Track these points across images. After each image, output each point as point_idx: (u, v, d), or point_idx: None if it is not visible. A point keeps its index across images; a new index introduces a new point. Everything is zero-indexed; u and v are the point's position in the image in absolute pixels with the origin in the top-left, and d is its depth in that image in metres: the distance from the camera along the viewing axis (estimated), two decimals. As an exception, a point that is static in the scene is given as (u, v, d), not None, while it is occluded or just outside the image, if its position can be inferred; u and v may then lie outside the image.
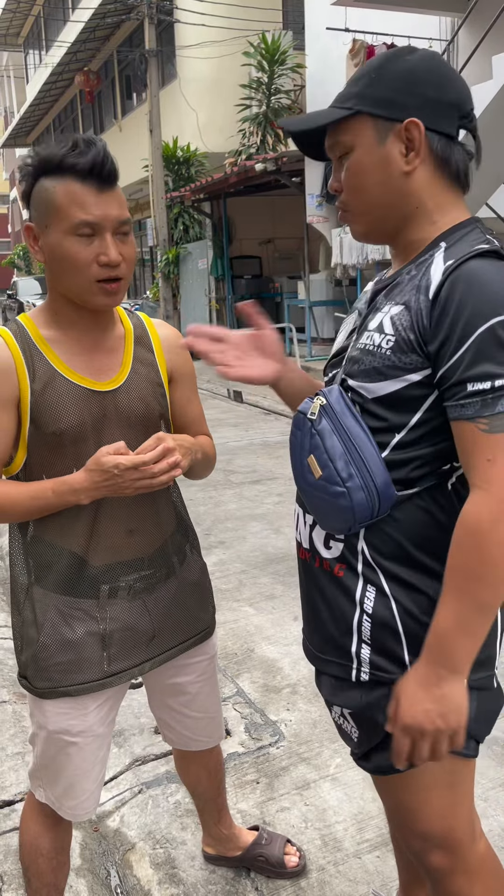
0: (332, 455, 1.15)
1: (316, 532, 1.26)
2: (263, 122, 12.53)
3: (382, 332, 1.17)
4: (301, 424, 1.22)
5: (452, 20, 8.92)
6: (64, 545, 1.47)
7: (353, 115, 1.18)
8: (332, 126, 1.21)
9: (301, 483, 1.24)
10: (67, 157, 1.33)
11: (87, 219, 1.33)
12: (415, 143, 1.16)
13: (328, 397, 1.20)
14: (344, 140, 1.20)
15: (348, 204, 1.23)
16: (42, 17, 22.99)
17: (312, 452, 1.18)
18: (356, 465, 1.14)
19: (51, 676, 1.49)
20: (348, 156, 1.20)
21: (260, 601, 3.65)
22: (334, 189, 1.25)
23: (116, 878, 2.02)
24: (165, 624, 1.59)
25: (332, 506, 1.16)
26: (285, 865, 1.97)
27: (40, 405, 1.39)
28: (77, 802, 1.59)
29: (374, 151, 1.18)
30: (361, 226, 1.25)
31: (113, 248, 1.35)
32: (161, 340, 1.58)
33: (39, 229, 1.38)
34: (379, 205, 1.20)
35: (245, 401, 9.28)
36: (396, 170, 1.18)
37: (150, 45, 13.92)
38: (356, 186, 1.20)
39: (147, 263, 19.15)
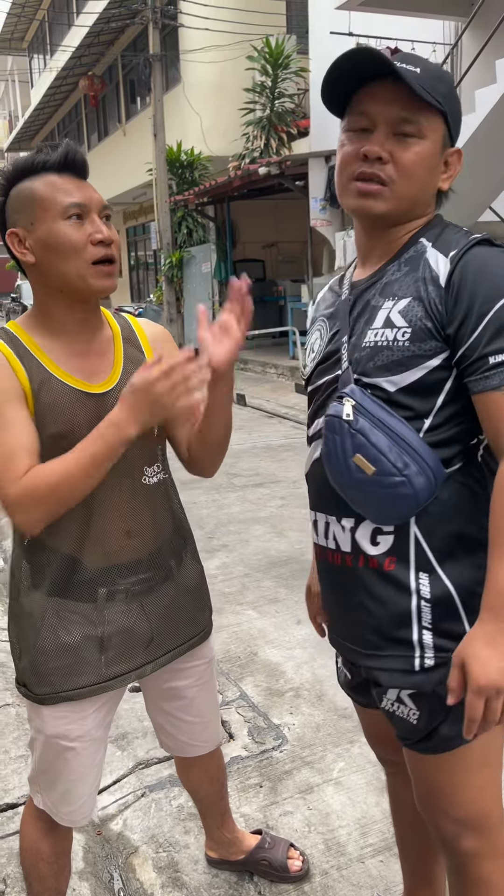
0: (380, 449, 1.18)
1: (360, 531, 1.26)
2: (267, 125, 12.54)
3: (393, 326, 1.21)
4: (337, 428, 1.23)
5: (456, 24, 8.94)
6: (61, 548, 1.46)
7: (436, 109, 1.20)
8: (417, 102, 1.17)
9: (347, 484, 1.23)
10: (36, 158, 1.38)
11: (76, 200, 1.37)
12: (451, 169, 1.26)
13: (354, 396, 1.22)
14: (423, 124, 1.19)
15: (393, 179, 1.20)
16: (47, 22, 23.06)
17: (358, 451, 1.19)
18: (407, 453, 1.17)
19: (50, 682, 1.48)
20: (414, 138, 1.19)
21: (263, 605, 3.64)
22: (379, 155, 1.19)
23: (119, 881, 2.01)
24: (163, 627, 1.58)
25: (392, 497, 1.18)
26: (288, 869, 1.96)
27: (40, 407, 1.39)
28: (73, 808, 1.58)
29: (437, 154, 1.23)
30: (390, 204, 1.22)
31: (104, 227, 1.39)
32: (148, 338, 1.58)
33: (25, 230, 1.39)
34: (414, 198, 1.23)
35: (248, 404, 9.29)
36: (437, 181, 1.26)
37: (154, 50, 13.95)
38: (414, 172, 1.21)
39: (150, 267, 19.18)
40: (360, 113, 1.22)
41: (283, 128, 12.54)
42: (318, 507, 1.35)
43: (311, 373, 1.38)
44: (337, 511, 1.29)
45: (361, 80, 1.21)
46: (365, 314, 1.26)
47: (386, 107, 1.19)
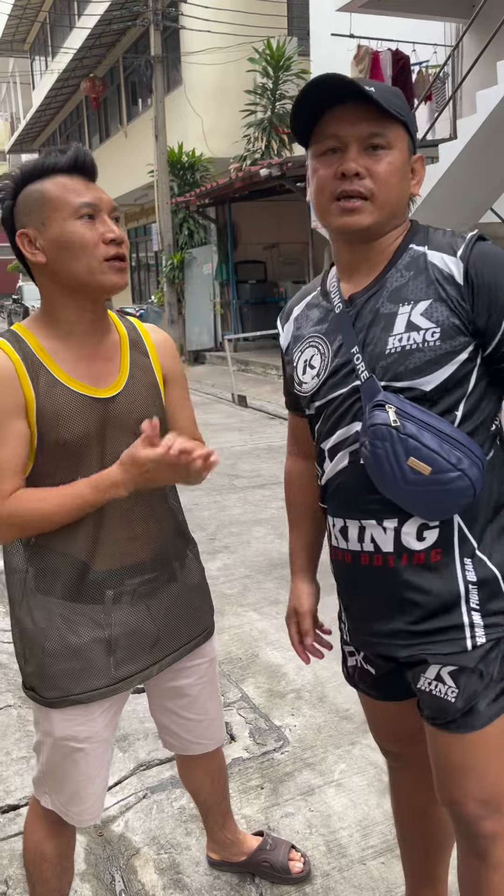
0: (433, 448, 1.22)
1: (406, 530, 1.30)
2: (268, 127, 12.56)
3: (419, 328, 1.25)
4: (386, 435, 1.24)
5: (457, 26, 8.95)
6: (68, 551, 1.46)
7: (398, 121, 1.26)
8: (383, 118, 1.24)
9: (403, 488, 1.25)
10: (45, 161, 1.39)
11: (87, 200, 1.39)
12: (417, 175, 1.33)
13: (393, 402, 1.25)
14: (390, 136, 1.26)
15: (374, 192, 1.26)
16: (48, 24, 23.08)
17: (412, 454, 1.23)
18: (456, 448, 1.23)
19: (59, 685, 1.49)
20: (384, 150, 1.25)
21: (264, 606, 3.64)
22: (354, 173, 1.25)
23: (121, 883, 2.01)
24: (168, 627, 1.59)
25: (450, 491, 1.23)
26: (290, 871, 1.96)
27: (44, 415, 1.39)
28: (83, 808, 1.59)
29: (406, 162, 1.29)
30: (373, 217, 1.27)
31: (115, 226, 1.41)
32: (154, 344, 1.59)
33: (36, 230, 1.39)
34: (394, 206, 1.29)
35: (249, 405, 9.29)
36: (409, 187, 1.32)
37: (155, 52, 13.95)
38: (390, 181, 1.26)
39: (152, 268, 19.19)
40: (330, 136, 1.27)
41: (284, 129, 12.55)
42: (349, 513, 1.37)
43: (314, 391, 1.39)
44: (376, 514, 1.32)
45: (321, 106, 1.26)
46: (378, 322, 1.29)
47: (355, 125, 1.25)
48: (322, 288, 1.44)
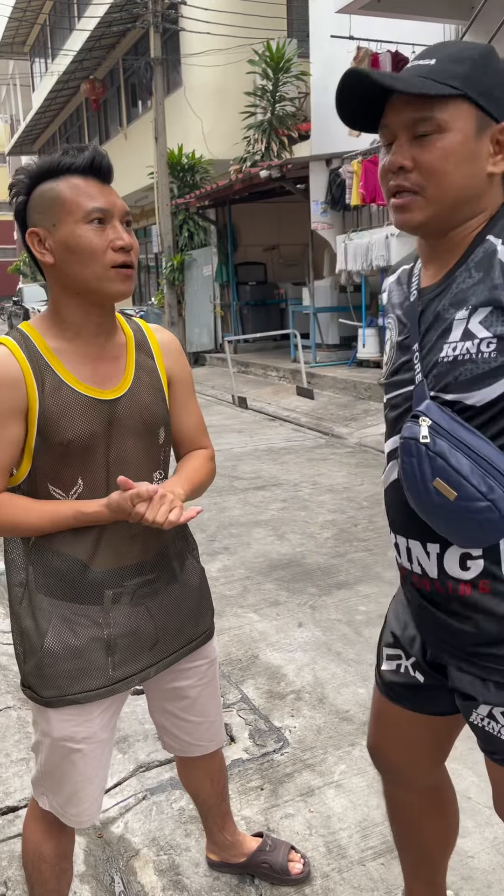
0: (462, 472, 1.10)
1: (448, 557, 1.21)
2: (268, 129, 12.57)
3: (474, 337, 1.13)
4: (413, 451, 1.15)
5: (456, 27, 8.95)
6: (69, 552, 1.47)
7: (455, 97, 1.11)
8: (428, 100, 1.11)
9: (429, 509, 1.16)
10: (62, 160, 1.39)
11: (99, 205, 1.38)
12: (502, 149, 1.14)
13: (430, 415, 1.14)
14: (441, 118, 1.11)
15: (424, 187, 1.14)
16: (48, 26, 23.10)
17: (438, 475, 1.12)
18: (492, 476, 1.10)
19: (57, 684, 1.49)
20: (435, 135, 1.12)
21: (264, 607, 3.64)
22: (399, 166, 1.15)
23: (120, 884, 2.01)
24: (168, 628, 1.59)
25: (479, 521, 1.12)
26: (289, 872, 1.96)
27: (47, 416, 1.39)
28: (81, 809, 1.59)
29: (470, 141, 1.13)
30: (426, 213, 1.16)
31: (125, 233, 1.40)
32: (160, 346, 1.59)
33: (46, 230, 1.39)
34: (457, 197, 1.15)
35: (250, 407, 9.29)
36: (482, 167, 1.15)
37: (155, 54, 13.97)
38: (442, 170, 1.12)
39: (152, 270, 19.19)
40: (384, 126, 1.18)
41: (284, 131, 12.56)
42: (399, 530, 1.30)
43: (387, 378, 1.31)
44: (420, 536, 1.23)
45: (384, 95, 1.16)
46: (437, 326, 1.19)
47: (399, 114, 1.14)
48: (412, 266, 1.32)
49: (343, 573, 4.00)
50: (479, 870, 1.98)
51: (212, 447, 1.69)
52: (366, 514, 4.96)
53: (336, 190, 10.12)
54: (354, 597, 3.69)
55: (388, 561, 4.08)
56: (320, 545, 4.45)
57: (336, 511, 5.06)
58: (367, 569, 4.03)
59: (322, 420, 8.16)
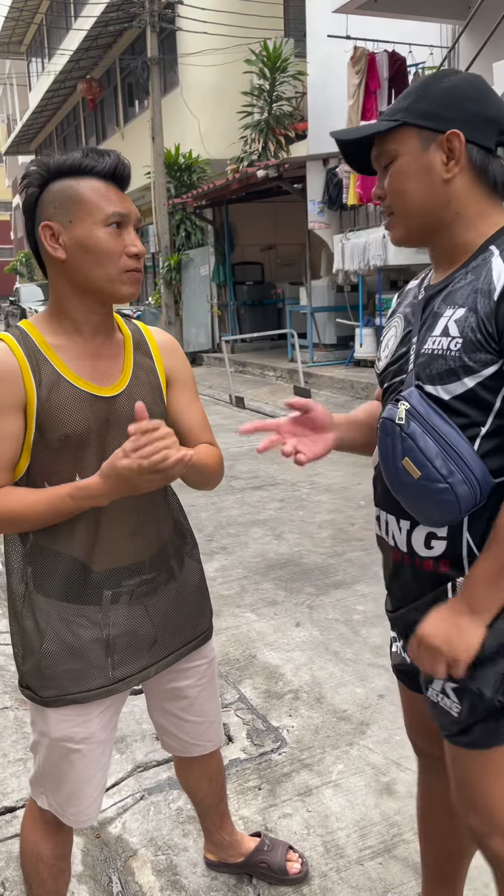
0: (428, 455, 1.20)
1: (416, 534, 1.30)
2: (265, 128, 12.57)
3: (448, 335, 1.23)
4: (389, 430, 1.26)
5: (453, 27, 8.96)
6: (66, 552, 1.47)
7: (399, 127, 1.27)
8: (380, 136, 1.29)
9: (397, 486, 1.27)
10: (85, 160, 1.40)
11: (119, 210, 1.40)
12: (455, 153, 1.25)
13: (410, 400, 1.24)
14: (389, 148, 1.28)
15: (392, 207, 1.31)
16: (45, 26, 23.09)
17: (407, 455, 1.22)
18: (454, 461, 1.19)
19: (57, 684, 1.49)
20: (393, 163, 1.28)
21: (262, 607, 3.64)
22: (378, 196, 1.33)
23: (118, 884, 2.01)
24: (167, 628, 1.59)
25: (436, 502, 1.21)
26: (287, 872, 1.96)
27: (46, 411, 1.40)
28: (80, 809, 1.59)
29: (417, 158, 1.26)
30: (402, 229, 1.31)
31: (138, 240, 1.44)
32: (159, 346, 1.59)
33: (62, 226, 1.40)
34: (420, 209, 1.28)
35: (247, 406, 9.29)
36: (437, 177, 1.26)
37: (152, 53, 13.97)
38: (400, 190, 1.28)
39: (149, 270, 19.19)
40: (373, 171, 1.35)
41: (280, 131, 12.57)
42: (380, 503, 1.39)
43: (383, 371, 1.40)
44: (396, 511, 1.33)
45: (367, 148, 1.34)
46: (430, 321, 1.30)
47: (376, 156, 1.32)
48: (430, 270, 1.43)
49: (341, 573, 4.00)
50: (478, 868, 1.98)
51: (219, 448, 1.65)
52: (363, 513, 4.96)
53: (333, 189, 10.14)
54: (352, 596, 3.70)
55: (385, 560, 4.08)
56: (318, 545, 4.45)
57: (334, 511, 5.06)
58: (364, 568, 4.03)
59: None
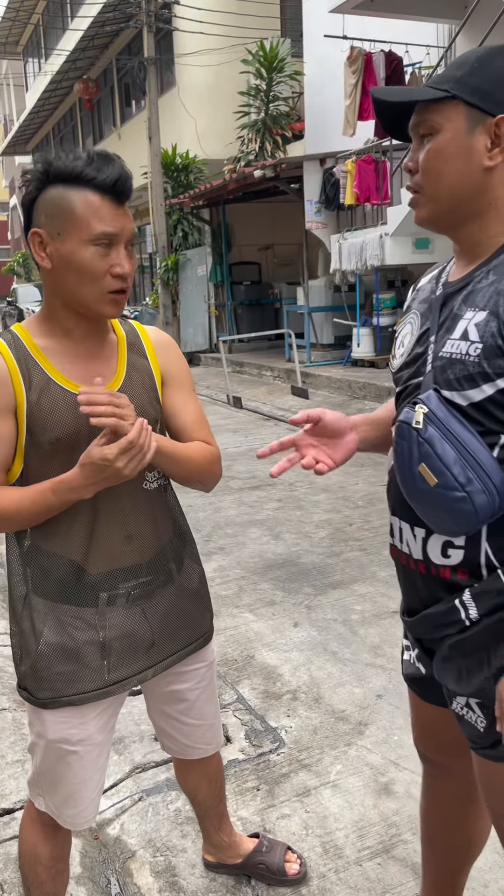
0: (445, 461, 1.15)
1: (431, 543, 1.25)
2: (262, 129, 12.57)
3: (468, 339, 1.17)
4: (406, 434, 1.20)
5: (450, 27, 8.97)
6: (62, 553, 1.46)
7: (447, 99, 1.17)
8: (423, 104, 1.19)
9: (412, 492, 1.22)
10: (86, 169, 1.34)
11: (108, 230, 1.35)
12: (502, 140, 1.16)
13: (428, 404, 1.18)
14: (432, 120, 1.18)
15: (422, 186, 1.21)
16: (41, 26, 23.06)
17: (423, 461, 1.17)
18: (473, 469, 1.14)
19: (52, 686, 1.49)
20: (432, 137, 1.18)
21: (260, 607, 3.64)
22: (408, 168, 1.23)
23: (117, 886, 2.01)
24: (164, 631, 1.58)
25: (453, 511, 1.16)
26: (286, 873, 1.96)
27: (36, 414, 1.39)
28: (77, 811, 1.58)
29: (460, 138, 1.17)
30: (428, 211, 1.23)
31: (126, 261, 1.38)
32: (154, 345, 1.58)
33: (50, 236, 1.37)
34: (453, 193, 1.19)
35: (245, 406, 9.29)
36: (478, 162, 1.17)
37: (148, 53, 13.96)
38: (434, 170, 1.19)
39: (146, 270, 19.17)
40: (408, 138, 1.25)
41: (277, 131, 12.57)
42: (394, 510, 1.34)
43: (398, 370, 1.34)
44: (410, 519, 1.28)
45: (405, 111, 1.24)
46: (448, 321, 1.23)
47: (414, 124, 1.22)
48: (445, 266, 1.37)
49: (338, 573, 4.00)
50: (476, 868, 1.98)
51: (216, 447, 1.62)
52: (361, 513, 4.96)
53: (330, 189, 10.14)
54: (350, 596, 3.69)
55: (383, 560, 4.08)
56: (316, 545, 4.45)
57: (331, 511, 5.07)
58: (362, 568, 4.03)
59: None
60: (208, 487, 1.62)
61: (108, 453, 1.30)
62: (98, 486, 1.36)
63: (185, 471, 1.53)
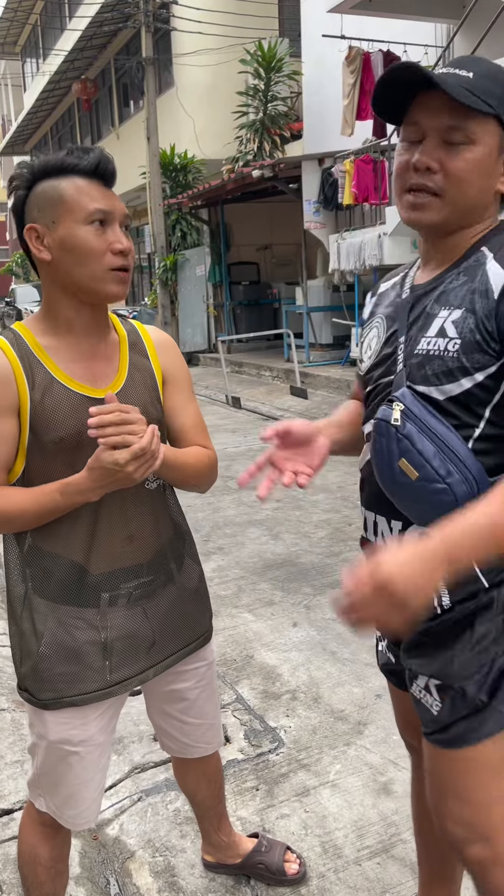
0: (425, 455, 1.19)
1: (408, 535, 1.28)
2: (260, 128, 12.57)
3: (445, 335, 1.21)
4: (384, 431, 1.24)
5: (448, 27, 8.97)
6: (64, 554, 1.46)
7: (489, 115, 1.18)
8: (465, 109, 1.16)
9: (392, 488, 1.26)
10: (67, 159, 1.38)
11: (101, 206, 1.38)
12: None
13: (404, 401, 1.23)
14: (473, 131, 1.18)
15: (444, 190, 1.20)
16: (39, 26, 23.05)
17: (403, 456, 1.21)
18: (452, 462, 1.18)
19: (54, 687, 1.48)
20: (465, 145, 1.18)
21: (259, 607, 3.64)
22: (427, 166, 1.20)
23: (116, 886, 2.01)
24: (165, 630, 1.58)
25: (435, 503, 1.19)
26: (285, 873, 1.96)
27: (39, 413, 1.39)
28: (78, 811, 1.58)
29: (492, 157, 1.20)
30: (443, 216, 1.22)
31: (124, 237, 1.41)
32: (155, 345, 1.58)
33: (45, 227, 1.39)
34: (470, 206, 1.23)
35: (244, 406, 9.29)
36: (494, 184, 1.23)
37: (147, 53, 13.95)
38: (465, 179, 1.19)
39: (145, 270, 19.17)
40: (413, 123, 1.22)
41: (276, 131, 12.57)
42: (369, 505, 1.37)
43: (367, 372, 1.38)
44: (387, 512, 1.31)
45: (414, 89, 1.21)
46: (420, 321, 1.27)
47: (434, 116, 1.19)
48: (407, 271, 1.40)
49: (337, 572, 4.00)
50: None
51: (213, 451, 1.64)
52: (360, 513, 4.96)
53: (328, 189, 10.14)
54: (349, 596, 3.69)
55: (382, 560, 4.08)
56: (315, 544, 4.45)
57: (330, 510, 5.07)
58: (361, 568, 4.03)
59: (316, 419, 8.16)
60: (203, 490, 1.63)
61: (120, 458, 1.30)
62: (106, 490, 1.37)
63: (184, 476, 1.54)
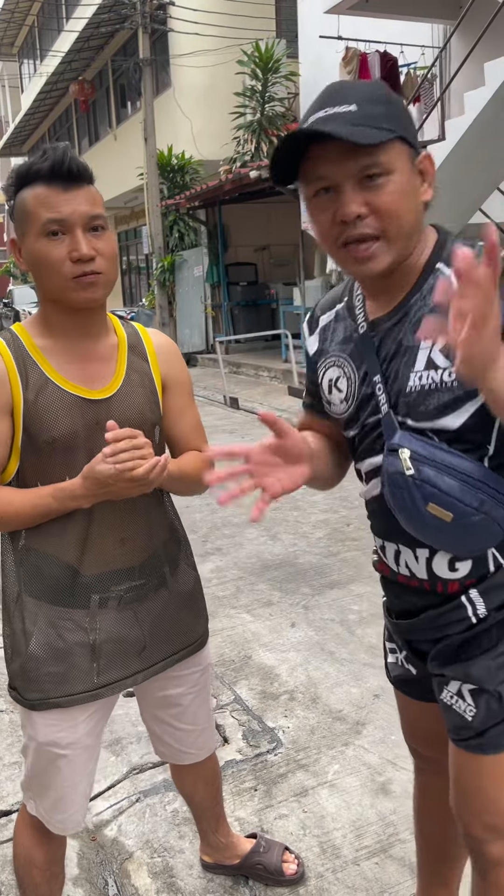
0: (452, 494, 1.15)
1: (437, 561, 1.27)
2: (258, 129, 12.57)
3: (436, 367, 1.16)
4: (401, 483, 1.19)
5: (444, 27, 8.98)
6: (56, 554, 1.46)
7: (394, 139, 1.11)
8: (371, 146, 1.09)
9: (426, 532, 1.22)
10: (34, 164, 1.37)
11: (53, 216, 1.35)
12: (428, 176, 1.16)
13: (408, 445, 1.18)
14: (384, 161, 1.10)
15: (383, 230, 1.13)
16: (36, 27, 23.04)
17: (430, 500, 1.16)
18: (478, 489, 1.15)
19: (41, 688, 1.48)
20: (380, 177, 1.11)
21: (257, 608, 3.64)
22: (356, 214, 1.11)
23: (114, 887, 2.00)
24: (156, 635, 1.57)
25: (475, 533, 1.18)
26: (283, 873, 1.96)
27: (33, 413, 1.39)
28: (66, 816, 1.58)
29: (410, 177, 1.14)
30: (391, 255, 1.15)
31: (84, 244, 1.35)
32: (155, 348, 1.57)
33: (20, 239, 1.41)
34: (410, 232, 1.16)
35: (241, 407, 9.29)
36: (419, 198, 1.16)
37: (144, 54, 13.95)
38: (398, 210, 1.12)
39: (143, 271, 19.17)
40: (317, 178, 1.14)
41: (273, 131, 12.56)
42: (386, 536, 1.34)
43: (348, 413, 1.32)
44: (409, 543, 1.28)
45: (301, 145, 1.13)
46: (401, 355, 1.21)
47: (339, 165, 1.10)
48: (348, 300, 1.34)
49: (336, 573, 4.00)
50: (473, 868, 1.98)
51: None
52: (358, 513, 4.96)
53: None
54: (347, 596, 3.69)
55: (380, 560, 4.08)
56: (313, 545, 4.45)
57: (328, 511, 5.07)
58: (359, 568, 4.03)
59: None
60: (199, 493, 1.63)
61: (112, 472, 1.32)
62: (99, 499, 1.39)
63: (184, 486, 1.56)
